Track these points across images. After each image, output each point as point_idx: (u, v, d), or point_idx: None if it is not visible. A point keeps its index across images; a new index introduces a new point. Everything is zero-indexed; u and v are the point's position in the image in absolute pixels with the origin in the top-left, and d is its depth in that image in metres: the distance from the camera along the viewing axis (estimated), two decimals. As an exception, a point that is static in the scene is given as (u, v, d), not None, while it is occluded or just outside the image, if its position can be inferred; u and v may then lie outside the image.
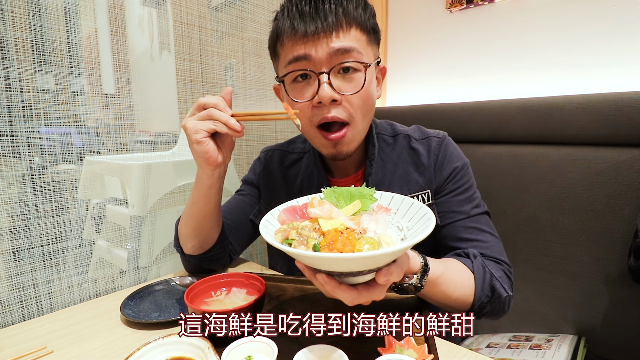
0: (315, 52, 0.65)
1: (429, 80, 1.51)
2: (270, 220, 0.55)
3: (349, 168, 0.83)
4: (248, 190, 0.94)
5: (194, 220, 0.76)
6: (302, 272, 0.50)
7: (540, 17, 1.19)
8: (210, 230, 0.78)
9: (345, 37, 0.65)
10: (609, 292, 0.92)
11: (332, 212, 0.52)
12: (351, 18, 0.66)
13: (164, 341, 0.50)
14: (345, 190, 0.58)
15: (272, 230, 0.53)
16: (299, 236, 0.48)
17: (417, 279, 0.59)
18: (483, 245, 0.73)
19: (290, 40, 0.67)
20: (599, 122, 0.95)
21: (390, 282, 0.48)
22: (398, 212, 0.56)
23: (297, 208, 0.57)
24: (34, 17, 0.76)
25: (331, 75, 0.66)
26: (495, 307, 0.68)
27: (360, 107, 0.69)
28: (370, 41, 0.70)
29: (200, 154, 0.67)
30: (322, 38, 0.64)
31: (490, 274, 0.68)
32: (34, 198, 0.78)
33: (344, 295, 0.47)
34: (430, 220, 0.49)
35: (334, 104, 0.67)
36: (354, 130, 0.71)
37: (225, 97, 0.67)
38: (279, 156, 0.92)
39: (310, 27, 0.64)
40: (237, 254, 0.91)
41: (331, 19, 0.64)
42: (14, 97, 0.75)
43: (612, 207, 0.92)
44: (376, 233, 0.48)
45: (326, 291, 0.49)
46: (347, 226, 0.50)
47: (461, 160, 0.79)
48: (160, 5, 1.05)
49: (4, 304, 0.75)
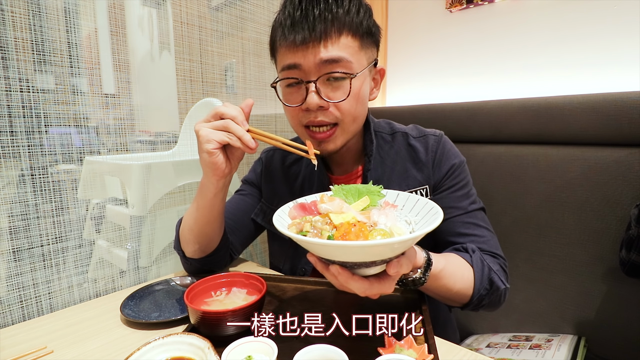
0: (304, 62, 0.67)
1: (429, 80, 1.51)
2: (282, 215, 0.57)
3: (348, 165, 0.85)
4: (249, 190, 0.94)
5: (197, 226, 0.76)
6: (315, 265, 0.51)
7: (540, 17, 1.19)
8: (213, 235, 0.78)
9: (334, 46, 0.66)
10: (609, 292, 0.92)
11: (342, 207, 0.54)
12: (341, 24, 0.66)
13: (164, 341, 0.50)
14: (354, 187, 0.60)
15: (285, 224, 0.54)
16: (313, 229, 0.50)
17: (420, 272, 0.61)
18: (480, 240, 0.75)
19: (282, 47, 0.70)
20: (599, 122, 0.95)
21: (400, 273, 0.49)
22: (404, 208, 0.58)
23: (306, 205, 0.58)
24: (34, 17, 0.76)
25: (319, 83, 0.68)
26: (493, 299, 0.71)
27: (348, 112, 0.71)
28: (363, 46, 0.71)
29: (208, 164, 0.67)
30: (311, 48, 0.66)
31: (489, 267, 0.71)
32: (34, 198, 0.78)
33: (357, 286, 0.48)
34: (437, 213, 0.51)
35: (321, 109, 0.70)
36: (342, 131, 0.73)
37: (244, 110, 0.67)
38: (280, 156, 0.93)
39: (299, 36, 0.65)
40: (238, 253, 0.92)
41: (320, 27, 0.65)
42: (14, 97, 0.75)
43: (612, 207, 0.92)
44: (386, 225, 0.50)
45: (339, 283, 0.50)
46: (359, 220, 0.51)
47: (458, 158, 0.81)
48: (160, 5, 1.05)
49: (4, 304, 0.75)
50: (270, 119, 1.36)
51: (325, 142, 0.73)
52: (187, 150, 1.10)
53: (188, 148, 1.10)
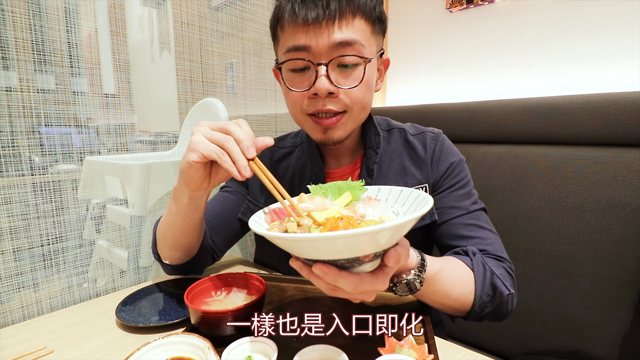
0: (316, 43, 0.62)
1: (429, 81, 1.51)
2: (258, 220, 0.52)
3: (345, 158, 0.81)
4: (234, 186, 0.88)
5: (170, 233, 0.70)
6: (300, 271, 0.45)
7: (540, 17, 1.19)
8: (189, 245, 0.72)
9: (348, 27, 0.62)
10: (608, 292, 0.92)
11: (324, 204, 0.49)
12: (356, 6, 0.62)
13: (164, 341, 0.50)
14: (333, 184, 0.57)
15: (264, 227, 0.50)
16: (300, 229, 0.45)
17: (414, 275, 0.56)
18: (484, 243, 0.70)
19: (290, 26, 0.64)
20: (599, 122, 0.95)
21: (399, 264, 0.45)
22: (389, 200, 0.55)
23: (283, 210, 0.54)
24: (34, 17, 0.76)
25: (329, 67, 0.63)
26: (497, 306, 0.65)
27: (358, 100, 0.67)
28: (374, 32, 0.67)
29: (183, 173, 0.59)
30: (324, 27, 0.61)
31: (491, 271, 0.65)
32: (34, 198, 0.78)
33: (347, 283, 0.43)
34: (426, 198, 0.47)
35: (330, 96, 0.65)
36: (350, 119, 0.69)
37: (259, 143, 0.56)
38: (268, 151, 0.87)
39: (312, 13, 0.60)
40: (222, 253, 0.86)
41: (334, 5, 0.60)
42: (14, 97, 0.75)
43: (612, 207, 0.92)
44: (375, 216, 0.46)
45: (326, 284, 0.45)
46: (344, 214, 0.46)
47: (457, 156, 0.78)
48: (160, 5, 1.05)
49: (4, 304, 0.75)
50: (270, 119, 1.36)
51: (331, 129, 0.68)
52: (187, 150, 1.10)
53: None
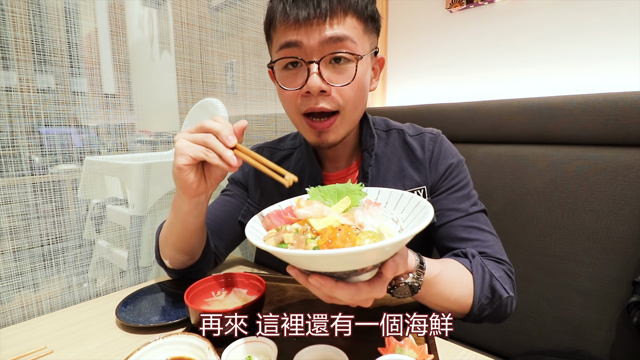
0: (307, 40, 0.62)
1: (429, 81, 1.51)
2: (255, 227, 0.52)
3: (341, 160, 0.80)
4: (234, 190, 0.89)
5: (172, 240, 0.71)
6: (296, 278, 0.46)
7: (541, 18, 1.19)
8: (191, 251, 0.73)
9: (339, 25, 0.62)
10: (608, 292, 0.92)
11: (322, 211, 0.48)
12: (347, 5, 0.63)
13: (164, 341, 0.50)
14: (332, 187, 0.56)
15: (260, 236, 0.50)
16: (296, 240, 0.44)
17: (413, 277, 0.56)
18: (483, 245, 0.70)
19: (282, 25, 0.64)
20: (599, 122, 0.95)
21: (397, 274, 0.46)
22: (388, 205, 0.54)
23: (281, 212, 0.53)
24: (34, 17, 0.76)
25: (321, 64, 0.63)
26: (496, 309, 0.65)
27: (350, 99, 0.66)
28: (367, 30, 0.67)
29: (177, 180, 0.60)
30: (315, 25, 0.61)
31: (490, 273, 0.65)
32: (34, 198, 0.78)
33: (343, 294, 0.44)
34: (426, 207, 0.46)
35: (323, 94, 0.65)
36: (343, 121, 0.68)
37: (235, 129, 0.59)
38: (268, 153, 0.88)
39: (303, 12, 0.61)
40: (223, 257, 0.87)
41: (325, 4, 0.61)
42: (14, 97, 0.75)
43: (612, 207, 0.92)
44: (373, 226, 0.46)
45: (324, 294, 0.46)
46: (342, 223, 0.46)
47: (456, 157, 0.77)
48: (160, 5, 1.05)
49: (4, 304, 0.75)
50: (270, 119, 1.36)
51: (325, 133, 0.68)
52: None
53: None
